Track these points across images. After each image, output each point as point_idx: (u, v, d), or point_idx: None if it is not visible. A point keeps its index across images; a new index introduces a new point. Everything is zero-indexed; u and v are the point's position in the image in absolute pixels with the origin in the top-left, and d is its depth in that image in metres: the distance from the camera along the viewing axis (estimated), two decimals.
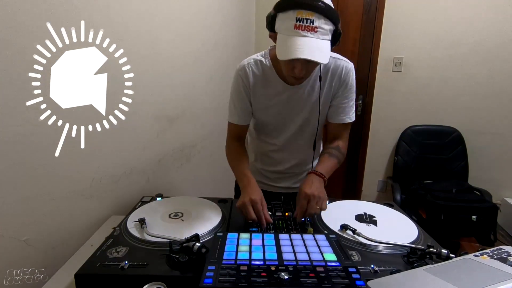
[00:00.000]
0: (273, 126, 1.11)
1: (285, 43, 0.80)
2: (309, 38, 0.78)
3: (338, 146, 1.08)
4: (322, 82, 1.01)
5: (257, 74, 1.02)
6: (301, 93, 1.03)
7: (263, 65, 1.01)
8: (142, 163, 1.29)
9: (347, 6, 2.46)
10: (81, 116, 0.88)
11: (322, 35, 0.79)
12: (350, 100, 1.06)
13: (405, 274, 0.62)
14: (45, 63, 0.77)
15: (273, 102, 1.04)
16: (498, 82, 2.26)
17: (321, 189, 0.93)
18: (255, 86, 1.03)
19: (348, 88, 1.04)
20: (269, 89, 1.03)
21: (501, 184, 2.38)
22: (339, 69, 1.02)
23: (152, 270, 0.66)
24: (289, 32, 0.79)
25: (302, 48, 0.77)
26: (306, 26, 0.77)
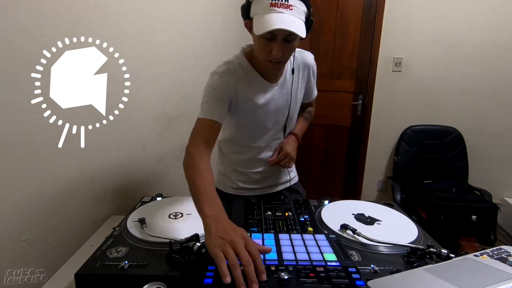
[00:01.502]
0: (260, 127, 1.09)
1: (262, 19, 0.81)
2: (285, 14, 0.80)
3: (310, 111, 1.28)
4: (296, 75, 1.07)
5: (240, 76, 0.99)
6: (281, 90, 1.06)
7: (242, 67, 1.00)
8: (142, 163, 1.29)
9: (347, 6, 2.46)
10: (81, 116, 0.88)
11: (297, 13, 0.82)
12: (315, 81, 1.19)
13: (405, 274, 0.62)
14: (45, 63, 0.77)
15: (260, 102, 1.03)
16: (498, 82, 2.26)
17: (294, 148, 1.13)
18: (241, 89, 0.99)
19: (315, 75, 1.16)
20: (254, 89, 1.02)
21: (501, 184, 2.38)
22: (307, 60, 1.10)
23: (152, 270, 0.66)
24: (265, 11, 0.81)
25: (280, 20, 0.79)
26: (282, 4, 0.80)
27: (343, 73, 2.59)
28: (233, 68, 0.98)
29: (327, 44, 2.57)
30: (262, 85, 1.03)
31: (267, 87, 1.03)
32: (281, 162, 1.09)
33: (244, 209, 0.97)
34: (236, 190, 1.19)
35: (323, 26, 2.56)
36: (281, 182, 1.25)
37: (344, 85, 2.61)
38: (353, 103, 2.62)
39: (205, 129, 0.93)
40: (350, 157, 2.77)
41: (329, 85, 2.65)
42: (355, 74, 2.57)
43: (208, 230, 0.65)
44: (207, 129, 0.93)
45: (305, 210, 0.96)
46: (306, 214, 0.93)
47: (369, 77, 2.53)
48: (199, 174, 0.80)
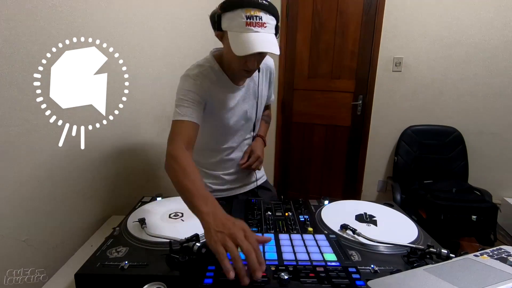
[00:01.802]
0: (231, 129, 1.11)
1: (239, 40, 0.84)
2: (261, 33, 0.84)
3: (268, 114, 1.35)
4: (261, 79, 1.12)
5: (212, 79, 1.01)
6: (248, 91, 1.10)
7: (214, 70, 1.02)
8: (142, 163, 1.29)
9: (347, 6, 2.46)
10: (81, 116, 0.88)
11: (270, 29, 0.86)
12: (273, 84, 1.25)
13: (405, 274, 0.62)
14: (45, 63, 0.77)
15: (230, 104, 1.06)
16: (498, 82, 2.26)
17: (262, 150, 1.21)
18: (213, 91, 1.00)
19: (273, 77, 1.21)
20: (225, 92, 1.05)
21: (501, 184, 2.38)
22: (269, 65, 1.16)
23: (152, 270, 0.66)
24: (241, 29, 0.83)
25: (258, 42, 0.83)
26: (257, 23, 0.82)
27: (343, 73, 2.59)
28: (205, 71, 1.00)
29: (327, 44, 2.57)
30: (231, 88, 1.06)
31: (235, 89, 1.07)
32: (253, 165, 1.15)
33: (244, 209, 0.97)
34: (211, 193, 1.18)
35: (323, 26, 2.56)
36: (252, 181, 1.28)
37: (344, 85, 2.61)
38: (353, 103, 2.62)
39: (184, 131, 0.91)
40: (350, 157, 2.77)
41: (329, 85, 2.65)
42: (355, 74, 2.57)
43: (206, 226, 0.64)
44: (185, 131, 0.91)
45: (305, 210, 0.96)
46: (306, 214, 0.93)
47: (369, 77, 2.53)
48: (186, 174, 0.78)
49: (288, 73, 2.73)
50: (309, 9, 2.56)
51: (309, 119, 2.79)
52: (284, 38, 2.67)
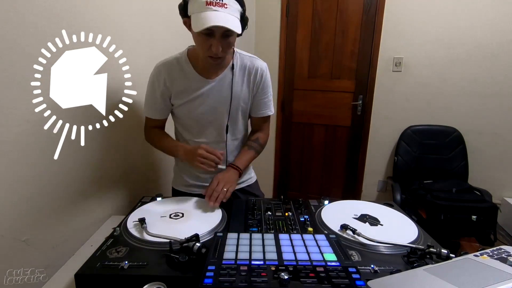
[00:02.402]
0: (198, 122, 1.11)
1: (199, 17, 0.85)
2: (220, 12, 0.85)
3: (258, 138, 1.20)
4: (239, 78, 1.09)
5: (175, 70, 1.05)
6: (220, 86, 1.07)
7: (180, 62, 1.05)
8: (142, 163, 1.29)
9: (347, 6, 2.46)
10: (81, 116, 0.88)
11: (232, 11, 0.87)
12: (268, 95, 1.16)
13: (405, 274, 0.62)
14: (45, 63, 0.77)
15: (193, 96, 1.06)
16: (498, 82, 2.26)
17: (233, 179, 1.08)
18: (174, 82, 1.05)
19: (266, 85, 1.14)
20: (188, 84, 1.05)
21: (501, 184, 2.38)
22: (255, 67, 1.10)
23: (152, 270, 0.66)
24: (201, 9, 0.85)
25: (216, 18, 0.84)
26: (216, 3, 0.85)
27: (343, 73, 2.59)
28: (168, 63, 1.06)
29: (327, 44, 2.57)
30: (196, 79, 1.05)
31: (202, 82, 1.06)
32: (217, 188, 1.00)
33: (244, 209, 0.97)
34: (187, 187, 1.19)
35: (323, 26, 2.56)
36: None
37: (344, 85, 2.61)
38: (353, 103, 2.62)
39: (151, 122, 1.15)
40: (350, 157, 2.77)
41: (329, 85, 2.65)
42: (355, 74, 2.57)
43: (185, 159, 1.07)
44: (152, 122, 1.15)
45: (305, 210, 0.96)
46: (306, 214, 0.93)
47: (369, 77, 2.53)
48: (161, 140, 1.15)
49: (288, 73, 2.73)
50: (309, 9, 2.56)
51: (309, 119, 2.79)
52: (284, 38, 2.67)
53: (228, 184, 1.02)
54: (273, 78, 2.76)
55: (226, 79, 1.07)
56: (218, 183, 1.01)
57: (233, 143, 1.17)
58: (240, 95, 1.10)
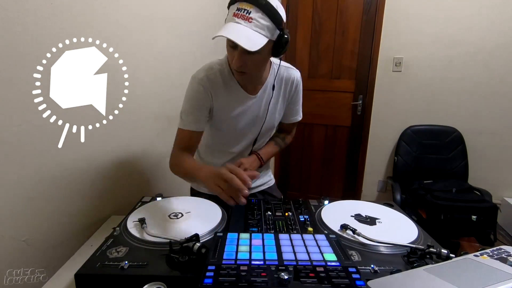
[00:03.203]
0: (233, 137, 1.10)
1: (222, 27, 0.83)
2: (241, 25, 0.81)
3: (285, 138, 1.25)
4: (276, 91, 1.07)
5: (219, 84, 0.99)
6: (259, 102, 1.06)
7: (223, 75, 1.00)
8: (142, 163, 1.29)
9: (347, 6, 2.46)
10: (81, 116, 0.88)
11: (256, 27, 0.81)
12: (300, 102, 1.20)
13: (405, 274, 0.62)
14: (45, 63, 0.77)
15: (236, 112, 1.03)
16: (498, 82, 2.26)
17: (254, 166, 1.09)
18: (218, 96, 1.00)
19: (299, 94, 1.17)
20: (231, 98, 1.02)
21: (501, 184, 2.38)
22: (291, 78, 1.10)
23: (152, 270, 0.66)
24: (229, 19, 0.84)
25: (230, 30, 0.80)
26: (242, 15, 0.81)
27: (343, 73, 2.59)
28: (212, 75, 0.98)
29: (327, 44, 2.57)
30: (240, 95, 1.02)
31: (245, 98, 1.03)
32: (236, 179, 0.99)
33: (244, 209, 0.97)
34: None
35: (323, 26, 2.56)
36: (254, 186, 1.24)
37: (344, 85, 2.61)
38: (353, 103, 2.62)
39: (185, 139, 1.02)
40: (350, 157, 2.77)
41: (329, 85, 2.65)
42: (355, 74, 2.57)
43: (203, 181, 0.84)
44: (187, 139, 1.02)
45: (305, 210, 0.96)
46: (306, 214, 0.93)
47: (369, 77, 2.53)
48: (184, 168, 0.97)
49: None
50: (309, 9, 2.56)
51: (309, 119, 2.78)
52: None
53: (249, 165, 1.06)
54: None
55: (265, 95, 1.06)
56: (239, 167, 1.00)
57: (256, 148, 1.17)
58: (275, 110, 1.11)
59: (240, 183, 0.72)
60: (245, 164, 1.04)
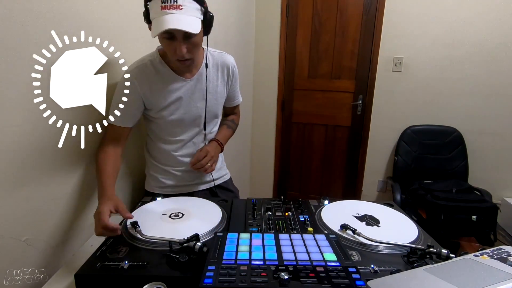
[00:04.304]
0: (179, 124, 1.11)
1: (156, 23, 0.86)
2: (175, 14, 0.84)
3: (233, 120, 1.31)
4: (213, 74, 1.11)
5: (151, 73, 1.02)
6: (197, 85, 1.09)
7: (155, 64, 1.03)
8: (142, 163, 1.29)
9: (347, 6, 2.46)
10: (81, 116, 0.88)
11: (189, 11, 0.86)
12: (237, 86, 1.24)
13: (405, 274, 0.62)
14: (45, 63, 0.77)
15: (173, 98, 1.05)
16: (498, 82, 2.26)
17: (217, 153, 1.16)
18: (151, 85, 1.02)
19: (236, 77, 1.20)
20: (166, 86, 1.04)
21: (501, 184, 2.38)
22: (227, 64, 1.14)
23: (152, 270, 0.66)
24: (158, 14, 0.85)
25: (170, 21, 0.84)
26: (171, 5, 0.84)
27: (343, 73, 2.60)
28: (143, 66, 1.02)
29: (327, 44, 2.58)
30: (175, 80, 1.05)
31: (181, 82, 1.06)
32: (203, 160, 1.08)
33: (244, 209, 0.97)
34: (162, 189, 1.17)
35: (323, 26, 2.56)
36: (208, 180, 1.24)
37: (344, 85, 2.61)
38: (353, 103, 2.62)
39: (112, 134, 1.02)
40: (350, 157, 2.77)
41: (329, 85, 2.65)
42: (355, 74, 2.57)
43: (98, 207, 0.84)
44: (113, 132, 1.02)
45: (305, 210, 0.96)
46: (306, 214, 0.93)
47: (369, 77, 2.53)
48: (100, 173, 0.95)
49: (288, 73, 2.74)
50: (309, 9, 2.56)
51: (309, 119, 2.79)
52: (284, 38, 2.67)
53: (213, 158, 1.11)
54: (273, 78, 2.77)
55: (202, 78, 1.09)
56: (205, 156, 1.09)
57: (211, 135, 1.20)
58: (216, 91, 1.13)
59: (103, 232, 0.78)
60: (210, 152, 1.10)
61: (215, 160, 1.14)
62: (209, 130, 1.18)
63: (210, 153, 1.11)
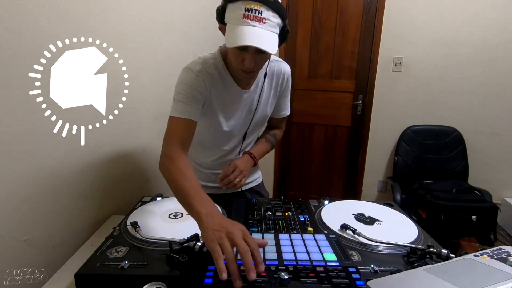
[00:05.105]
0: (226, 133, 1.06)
1: (234, 32, 0.78)
2: (258, 28, 0.77)
3: (275, 134, 1.22)
4: (268, 83, 1.05)
5: (216, 77, 0.97)
6: (252, 96, 1.04)
7: (218, 69, 0.97)
8: (142, 163, 1.29)
9: (347, 6, 2.46)
10: (81, 116, 0.88)
11: (271, 27, 0.79)
12: (289, 97, 1.16)
13: (405, 274, 0.62)
14: (45, 63, 0.77)
15: (230, 108, 1.02)
16: (498, 82, 2.26)
17: (248, 167, 1.07)
18: (215, 90, 0.97)
19: (288, 87, 1.12)
20: (227, 93, 1.00)
21: (501, 184, 2.38)
22: (282, 71, 1.08)
23: (152, 270, 0.66)
24: (238, 22, 0.78)
25: (251, 36, 0.77)
26: (255, 17, 0.77)
27: (343, 73, 2.59)
28: (208, 68, 0.95)
29: (327, 44, 2.57)
30: (235, 90, 1.00)
31: (240, 93, 1.01)
32: (231, 176, 1.00)
33: (244, 209, 0.97)
34: None
35: (323, 26, 2.56)
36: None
37: (344, 85, 2.61)
38: (353, 103, 2.62)
39: (181, 129, 0.91)
40: (350, 157, 2.77)
41: (329, 85, 2.65)
42: (355, 74, 2.57)
43: (204, 226, 0.64)
44: (182, 129, 0.91)
45: (305, 210, 0.96)
46: (306, 214, 0.93)
47: (369, 77, 2.53)
48: (183, 175, 0.80)
49: None
50: (309, 9, 2.56)
51: (309, 119, 2.79)
52: None
53: (243, 172, 1.02)
54: None
55: (257, 89, 1.04)
56: (234, 170, 1.01)
57: (247, 147, 1.16)
58: (267, 103, 1.08)
59: (250, 263, 0.56)
60: (239, 166, 1.02)
61: (245, 175, 1.04)
62: (248, 142, 1.14)
63: (239, 167, 1.03)
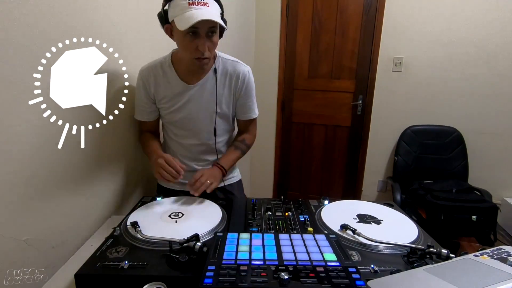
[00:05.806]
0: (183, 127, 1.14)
1: (184, 17, 0.87)
2: (204, 8, 0.87)
3: (244, 139, 1.23)
4: (220, 83, 1.09)
5: (159, 74, 1.07)
6: (201, 91, 1.08)
7: (164, 67, 1.07)
8: (142, 163, 1.29)
9: (347, 6, 2.46)
10: (81, 116, 0.88)
11: (213, 9, 0.90)
12: (252, 98, 1.18)
13: (405, 274, 0.62)
14: (45, 63, 0.77)
15: (176, 102, 1.08)
16: (498, 82, 2.26)
17: (215, 176, 1.08)
18: (158, 86, 1.08)
19: (249, 89, 1.14)
20: (171, 90, 1.07)
21: (501, 184, 2.38)
22: (237, 72, 1.10)
23: (152, 270, 0.66)
24: (185, 10, 0.87)
25: (201, 14, 0.86)
26: (199, 2, 0.87)
27: (343, 73, 2.60)
28: (153, 66, 1.07)
29: (327, 44, 2.58)
30: (179, 86, 1.07)
31: (185, 88, 1.07)
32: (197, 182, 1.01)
33: (244, 209, 0.97)
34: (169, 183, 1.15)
35: (323, 26, 2.56)
36: None
37: (344, 85, 2.61)
38: (353, 103, 2.62)
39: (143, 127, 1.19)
40: (350, 157, 2.77)
41: (329, 85, 2.65)
42: (355, 74, 2.57)
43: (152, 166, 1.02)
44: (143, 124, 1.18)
45: (305, 210, 0.96)
46: (306, 214, 0.93)
47: (369, 77, 2.53)
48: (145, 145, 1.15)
49: (288, 73, 2.74)
50: (309, 9, 2.56)
51: (309, 119, 2.79)
52: (284, 38, 2.67)
53: (211, 178, 1.04)
54: (273, 78, 2.77)
55: (208, 84, 1.08)
56: (202, 175, 1.03)
57: (222, 144, 1.20)
58: (222, 99, 1.11)
59: (170, 169, 0.96)
60: (205, 175, 1.03)
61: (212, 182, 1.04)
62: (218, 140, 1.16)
63: (206, 173, 1.04)
